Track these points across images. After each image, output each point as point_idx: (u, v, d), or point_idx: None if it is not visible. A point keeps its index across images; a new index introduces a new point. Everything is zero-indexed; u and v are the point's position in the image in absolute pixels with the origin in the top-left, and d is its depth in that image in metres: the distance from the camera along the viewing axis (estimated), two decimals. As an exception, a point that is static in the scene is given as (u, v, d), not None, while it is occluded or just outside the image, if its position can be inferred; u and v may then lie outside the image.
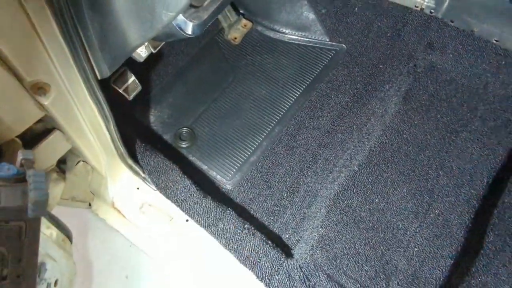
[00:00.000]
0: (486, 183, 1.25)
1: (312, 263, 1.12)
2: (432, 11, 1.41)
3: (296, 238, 1.22)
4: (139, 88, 1.21)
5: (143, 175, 1.22)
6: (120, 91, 1.16)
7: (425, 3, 1.41)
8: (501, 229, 1.25)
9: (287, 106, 1.50)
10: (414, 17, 1.46)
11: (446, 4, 1.37)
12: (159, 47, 1.18)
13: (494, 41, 1.35)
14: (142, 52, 1.04)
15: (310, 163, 1.38)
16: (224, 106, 1.51)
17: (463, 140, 1.32)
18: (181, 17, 0.89)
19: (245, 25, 1.67)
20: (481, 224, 1.26)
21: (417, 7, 1.44)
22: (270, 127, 1.46)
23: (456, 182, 1.25)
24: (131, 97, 1.19)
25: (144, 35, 0.81)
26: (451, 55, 1.43)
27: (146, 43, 1.07)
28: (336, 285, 1.08)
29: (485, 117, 1.35)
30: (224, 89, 1.54)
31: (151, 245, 1.24)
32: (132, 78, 1.17)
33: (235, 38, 1.65)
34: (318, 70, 1.56)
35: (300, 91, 1.52)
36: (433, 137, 1.33)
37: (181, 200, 1.21)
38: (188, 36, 0.94)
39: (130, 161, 1.18)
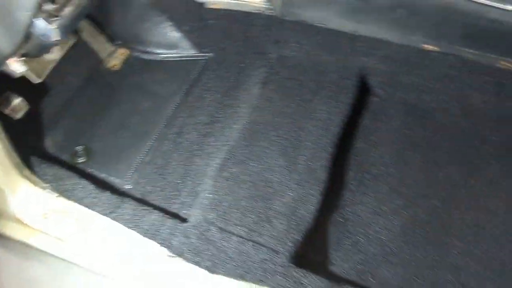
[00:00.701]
0: (338, 133, 1.53)
1: (205, 221, 1.30)
2: (271, 11, 1.73)
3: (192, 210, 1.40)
4: (27, 107, 1.35)
5: (42, 184, 1.34)
6: (6, 112, 1.29)
7: (264, 7, 1.73)
8: (357, 168, 1.53)
9: (171, 112, 1.70)
10: (259, 20, 1.77)
11: (280, 4, 1.69)
12: (46, 74, 1.35)
13: (321, 25, 1.68)
14: (17, 67, 1.19)
15: (197, 151, 1.58)
16: (115, 121, 1.69)
17: (314, 105, 1.60)
18: (43, 25, 1.08)
19: (122, 53, 1.88)
20: (341, 166, 1.53)
21: (259, 11, 1.75)
22: (158, 131, 1.65)
23: (313, 138, 1.51)
24: (18, 116, 1.32)
25: (11, 40, 0.98)
26: (293, 44, 1.75)
27: (24, 64, 1.23)
28: (227, 233, 1.27)
29: (326, 88, 1.65)
30: (113, 108, 1.72)
31: (62, 247, 1.34)
32: (18, 99, 1.31)
33: (115, 65, 1.85)
34: (192, 78, 1.80)
35: (179, 98, 1.75)
36: (290, 108, 1.60)
37: (81, 198, 1.34)
38: (54, 41, 1.12)
39: (27, 172, 1.30)
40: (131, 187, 1.51)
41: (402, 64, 1.65)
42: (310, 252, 1.35)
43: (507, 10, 1.40)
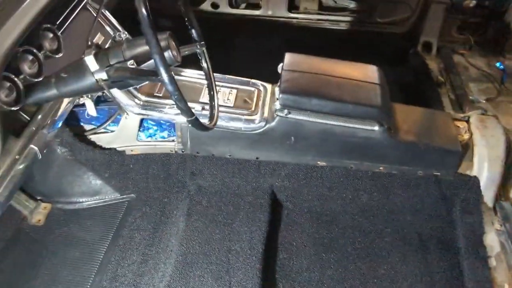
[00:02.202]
0: (263, 249, 1.73)
1: None
2: (183, 150, 1.97)
3: None
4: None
5: None
6: None
7: (177, 147, 1.97)
8: (285, 279, 1.73)
9: (102, 257, 1.78)
10: (174, 158, 1.99)
11: (189, 143, 1.94)
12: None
13: (228, 156, 1.95)
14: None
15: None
16: (46, 278, 1.71)
17: (237, 227, 1.81)
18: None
19: (45, 207, 1.95)
20: (270, 279, 1.72)
21: (172, 151, 1.98)
22: (91, 280, 1.71)
23: (242, 258, 1.69)
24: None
25: None
26: (208, 175, 1.98)
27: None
28: None
29: (244, 210, 1.88)
30: (42, 264, 1.75)
31: None
32: None
33: (39, 220, 1.90)
34: (119, 220, 1.92)
35: (109, 242, 1.84)
36: (215, 234, 1.79)
37: None
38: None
39: None
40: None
41: (302, 179, 1.95)
42: None
43: (372, 130, 1.79)
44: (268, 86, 1.98)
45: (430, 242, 1.83)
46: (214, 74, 1.47)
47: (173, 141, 1.97)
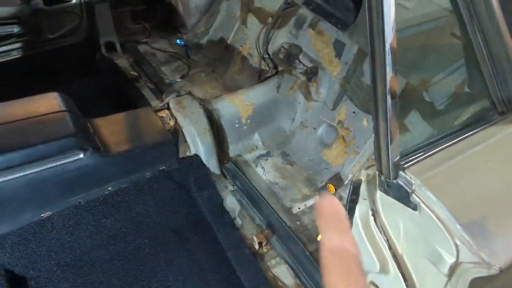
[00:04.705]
0: None
1: None
2: None
3: None
4: None
5: None
6: None
7: None
8: None
9: None
10: None
11: None
12: None
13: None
14: None
15: None
16: None
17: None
18: None
19: None
20: None
21: None
22: None
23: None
24: None
25: None
26: None
27: None
28: None
29: None
30: None
31: None
32: None
33: None
34: None
35: None
36: None
37: None
38: None
39: None
40: None
41: (34, 240, 1.71)
42: None
43: (79, 159, 1.67)
44: None
45: (185, 232, 1.88)
46: None
47: None
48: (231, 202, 1.94)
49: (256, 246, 1.81)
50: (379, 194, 1.16)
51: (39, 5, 2.49)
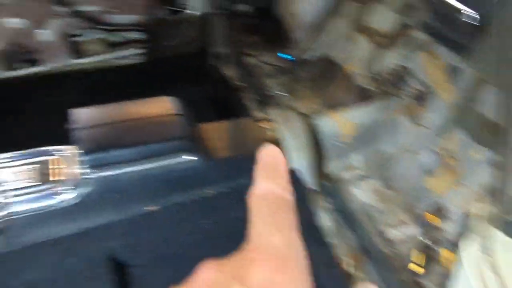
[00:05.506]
0: None
1: None
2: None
3: None
4: None
5: None
6: None
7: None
8: None
9: None
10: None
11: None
12: None
13: (49, 239, 1.74)
14: None
15: None
16: None
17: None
18: None
19: None
20: None
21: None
22: None
23: None
24: None
25: None
26: (33, 267, 1.74)
27: None
28: None
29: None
30: None
31: None
32: None
33: None
34: None
35: None
36: None
37: None
38: None
39: None
40: None
41: (139, 231, 1.82)
42: None
43: (187, 159, 1.77)
44: (66, 149, 1.81)
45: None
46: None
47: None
48: (325, 219, 1.93)
49: (347, 267, 1.77)
50: (494, 231, 1.08)
51: (163, 15, 2.71)
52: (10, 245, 1.76)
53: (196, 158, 1.76)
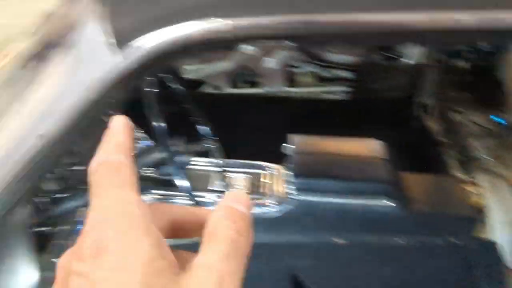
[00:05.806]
0: None
1: None
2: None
3: None
4: None
5: None
6: None
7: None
8: None
9: None
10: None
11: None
12: None
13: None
14: None
15: None
16: None
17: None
18: None
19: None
20: None
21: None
22: None
23: None
24: None
25: None
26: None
27: None
28: None
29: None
30: None
31: None
32: None
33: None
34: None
35: None
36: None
37: None
38: None
39: None
40: None
41: (322, 259, 1.94)
42: None
43: (385, 204, 1.82)
44: (276, 168, 2.02)
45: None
46: (224, 160, 1.54)
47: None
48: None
49: None
50: None
51: (378, 59, 2.82)
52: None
53: (395, 205, 1.79)
